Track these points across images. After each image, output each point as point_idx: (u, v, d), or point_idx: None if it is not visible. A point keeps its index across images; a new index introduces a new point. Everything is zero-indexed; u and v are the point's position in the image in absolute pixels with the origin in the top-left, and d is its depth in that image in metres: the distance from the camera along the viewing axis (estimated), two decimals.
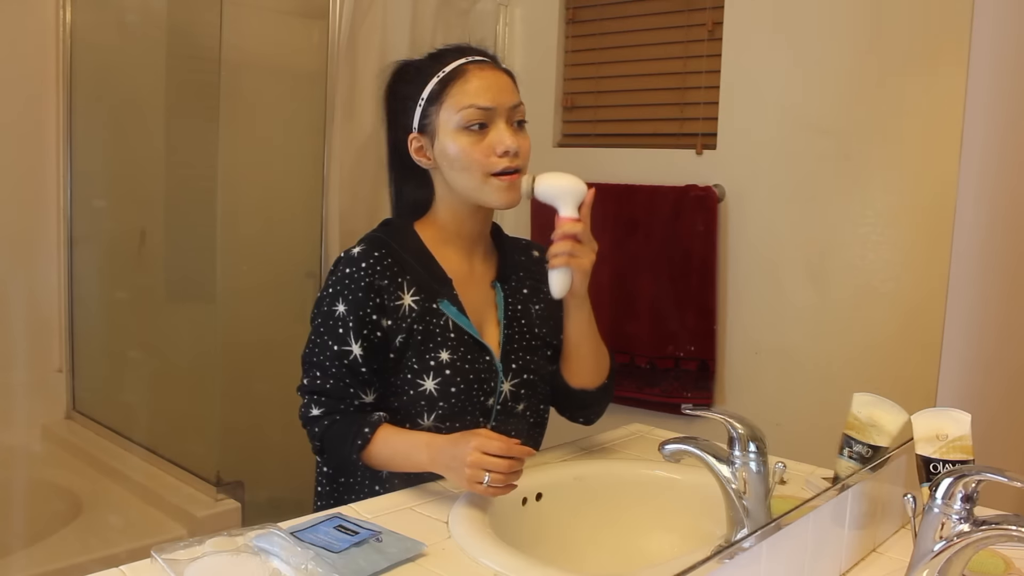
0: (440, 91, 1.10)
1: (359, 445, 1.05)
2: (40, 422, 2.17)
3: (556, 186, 1.08)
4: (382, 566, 0.85)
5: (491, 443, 0.96)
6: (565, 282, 1.08)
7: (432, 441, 1.03)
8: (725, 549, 0.90)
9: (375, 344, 1.09)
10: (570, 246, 1.06)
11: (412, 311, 1.10)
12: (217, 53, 1.81)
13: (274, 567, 0.81)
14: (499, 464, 0.95)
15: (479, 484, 0.95)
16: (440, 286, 1.12)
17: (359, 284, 1.08)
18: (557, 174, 1.09)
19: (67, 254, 2.20)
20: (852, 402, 1.16)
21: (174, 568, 0.78)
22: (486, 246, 1.20)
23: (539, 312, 1.19)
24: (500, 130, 1.10)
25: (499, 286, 1.18)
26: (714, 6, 1.69)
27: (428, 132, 1.12)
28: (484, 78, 1.11)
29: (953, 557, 0.92)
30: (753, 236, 1.71)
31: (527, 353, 1.17)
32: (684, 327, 1.77)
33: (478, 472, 0.95)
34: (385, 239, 1.12)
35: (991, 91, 1.37)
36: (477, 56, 1.13)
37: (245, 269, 2.00)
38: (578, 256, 1.07)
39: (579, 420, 1.24)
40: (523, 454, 0.97)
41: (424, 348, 1.09)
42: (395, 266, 1.10)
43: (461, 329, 1.12)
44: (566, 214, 1.07)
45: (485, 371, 1.12)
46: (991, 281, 1.45)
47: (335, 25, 1.80)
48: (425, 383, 1.09)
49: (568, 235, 1.06)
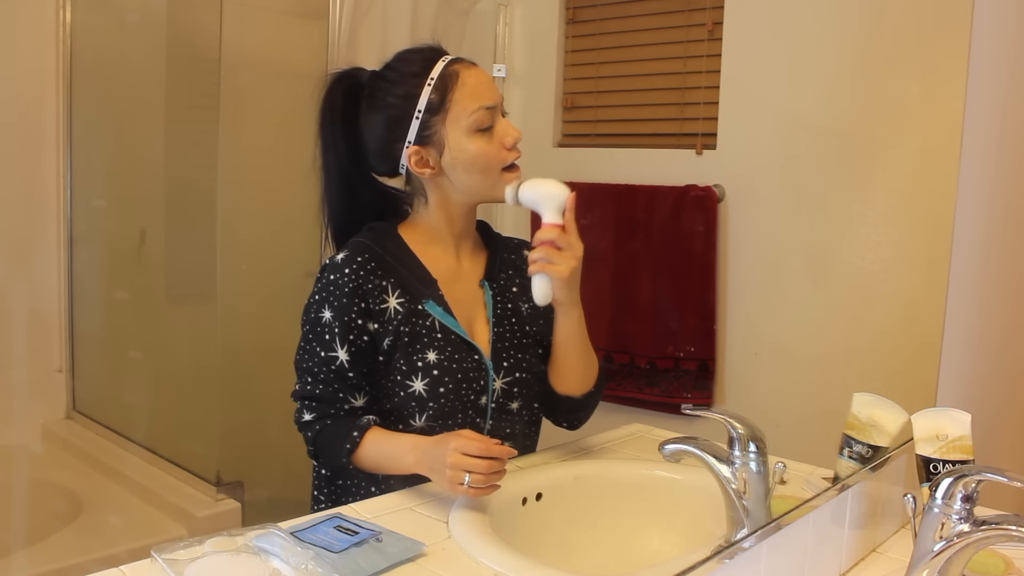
0: (441, 99, 1.09)
1: (348, 449, 1.06)
2: (40, 422, 2.17)
3: (538, 192, 1.08)
4: (382, 566, 0.85)
5: (470, 444, 0.95)
6: (544, 288, 1.07)
7: (417, 443, 1.03)
8: (725, 549, 0.90)
9: (362, 348, 1.09)
10: (545, 252, 1.05)
11: (398, 313, 1.10)
12: (217, 53, 1.81)
13: (274, 567, 0.81)
14: (478, 465, 0.94)
15: (460, 485, 0.95)
16: (425, 287, 1.13)
17: (343, 290, 1.08)
18: (540, 180, 1.09)
19: (67, 254, 2.20)
20: (852, 402, 1.16)
21: (174, 568, 0.78)
22: (473, 243, 1.21)
23: (529, 310, 1.19)
24: (504, 124, 1.12)
25: (487, 284, 1.18)
26: (714, 6, 1.70)
27: (432, 143, 1.11)
28: (476, 77, 1.12)
29: (953, 557, 0.92)
30: (753, 236, 1.71)
31: (518, 351, 1.17)
32: (684, 327, 1.78)
33: (458, 473, 0.95)
34: (368, 243, 1.13)
35: (991, 91, 1.37)
36: (448, 55, 1.13)
37: (245, 269, 2.00)
38: (555, 263, 1.05)
39: (562, 424, 1.23)
40: (502, 454, 0.96)
41: (411, 349, 1.10)
42: (379, 269, 1.10)
43: (448, 329, 1.12)
44: (548, 220, 1.06)
45: (474, 370, 1.12)
46: (991, 281, 1.45)
47: (335, 25, 1.80)
48: (414, 384, 1.09)
49: (544, 241, 1.06)
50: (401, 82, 1.11)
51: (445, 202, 1.15)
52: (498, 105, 1.12)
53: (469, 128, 1.09)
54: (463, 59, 1.13)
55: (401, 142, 1.12)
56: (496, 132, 1.11)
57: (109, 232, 2.21)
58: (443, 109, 1.10)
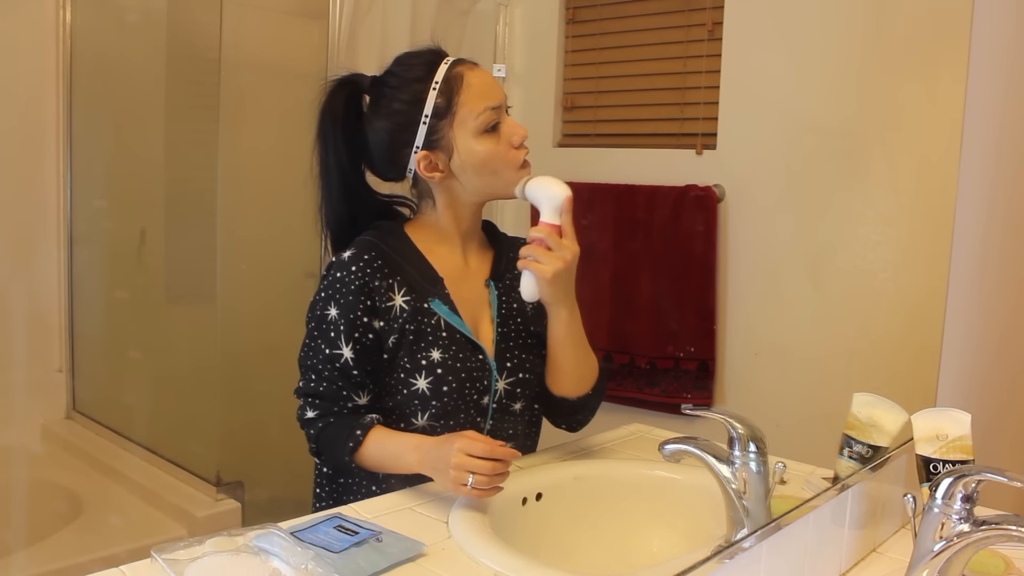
0: (447, 103, 1.10)
1: (351, 447, 1.06)
2: (40, 422, 2.18)
3: (540, 190, 1.08)
4: (382, 566, 0.85)
5: (474, 444, 0.95)
6: (530, 286, 1.08)
7: (420, 443, 1.03)
8: (725, 549, 0.90)
9: (367, 346, 1.09)
10: (533, 250, 1.06)
11: (403, 311, 1.10)
12: (217, 53, 1.81)
13: (274, 567, 0.81)
14: (482, 466, 0.94)
15: (464, 486, 0.95)
16: (431, 285, 1.13)
17: (349, 287, 1.08)
18: (545, 178, 1.09)
19: (67, 254, 2.20)
20: (852, 402, 1.16)
21: (174, 568, 0.78)
22: (480, 242, 1.21)
23: (534, 310, 1.20)
24: (510, 123, 1.12)
25: (493, 284, 1.18)
26: (714, 6, 1.70)
27: (441, 147, 1.11)
28: (480, 77, 1.12)
29: (953, 557, 0.92)
30: (753, 236, 1.71)
31: (522, 351, 1.17)
32: (684, 327, 1.78)
33: (462, 474, 0.95)
34: (375, 242, 1.13)
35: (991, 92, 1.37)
36: (449, 57, 1.13)
37: (245, 269, 2.00)
38: (541, 263, 1.05)
39: (561, 426, 1.23)
40: (507, 456, 0.96)
41: (416, 347, 1.10)
42: (385, 267, 1.11)
43: (453, 328, 1.12)
44: (545, 219, 1.07)
45: (478, 369, 1.12)
46: (991, 281, 1.45)
47: (335, 25, 1.79)
48: (417, 382, 1.09)
49: (535, 240, 1.06)
50: (405, 87, 1.11)
51: (454, 203, 1.15)
52: (503, 104, 1.12)
53: (477, 130, 1.09)
54: (465, 60, 1.13)
55: (409, 147, 1.11)
56: (503, 131, 1.11)
57: (109, 232, 2.21)
58: (450, 112, 1.10)
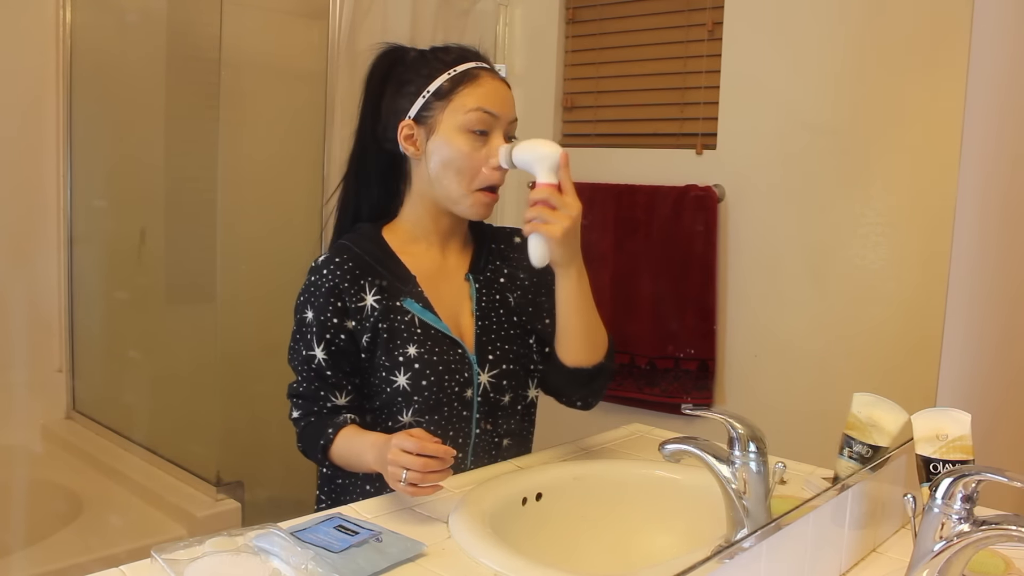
0: (451, 89, 1.11)
1: (322, 446, 1.08)
2: (40, 422, 2.17)
3: (531, 153, 1.07)
4: (382, 566, 0.85)
5: (407, 441, 0.95)
6: (540, 249, 1.06)
7: (376, 441, 1.03)
8: (725, 549, 0.90)
9: (341, 347, 1.11)
10: (539, 211, 1.04)
11: (375, 310, 1.11)
12: (217, 53, 1.81)
13: (274, 567, 0.81)
14: (413, 462, 0.93)
15: (399, 482, 0.94)
16: (403, 284, 1.13)
17: (321, 290, 1.11)
18: (533, 141, 1.09)
19: (67, 254, 2.20)
20: (852, 402, 1.16)
21: (174, 568, 0.78)
22: (462, 239, 1.21)
23: (518, 299, 1.19)
24: (500, 143, 1.12)
25: (472, 278, 1.18)
26: (714, 6, 1.69)
27: (426, 124, 1.12)
28: (496, 86, 1.13)
29: (953, 557, 0.92)
30: (753, 236, 1.71)
31: (505, 343, 1.17)
32: (684, 327, 1.77)
33: (396, 470, 0.94)
34: (348, 245, 1.14)
35: (991, 91, 1.37)
36: (485, 63, 1.15)
37: (245, 269, 2.00)
38: (549, 222, 1.04)
39: (576, 403, 1.20)
40: (439, 453, 0.94)
41: (392, 345, 1.11)
42: (356, 269, 1.12)
43: (428, 324, 1.12)
44: (542, 180, 1.05)
45: (456, 363, 1.12)
46: (991, 281, 1.45)
47: (335, 25, 1.80)
48: (397, 379, 1.10)
49: (537, 200, 1.05)
50: (428, 64, 1.14)
51: (425, 193, 1.15)
52: (502, 118, 1.12)
53: (463, 124, 1.10)
54: (495, 70, 1.15)
55: (402, 116, 1.13)
56: (490, 146, 1.11)
57: (109, 232, 2.21)
58: (448, 98, 1.11)
